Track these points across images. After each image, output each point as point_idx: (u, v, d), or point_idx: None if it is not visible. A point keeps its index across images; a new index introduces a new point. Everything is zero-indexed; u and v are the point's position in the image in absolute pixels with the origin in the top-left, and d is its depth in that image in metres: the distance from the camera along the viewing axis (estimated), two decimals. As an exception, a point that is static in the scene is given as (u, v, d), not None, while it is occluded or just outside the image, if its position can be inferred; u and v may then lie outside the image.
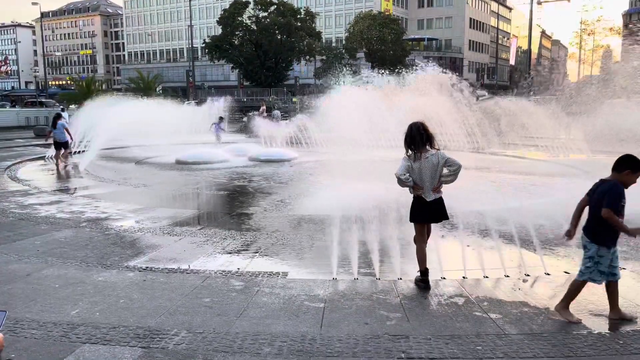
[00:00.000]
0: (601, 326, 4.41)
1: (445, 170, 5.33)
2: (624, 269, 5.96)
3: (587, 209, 4.53)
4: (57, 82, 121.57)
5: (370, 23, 68.95)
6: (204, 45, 74.52)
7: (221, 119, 21.58)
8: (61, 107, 37.47)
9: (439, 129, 18.16)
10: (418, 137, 5.26)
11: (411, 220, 5.48)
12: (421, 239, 5.48)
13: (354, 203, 7.94)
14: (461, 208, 7.71)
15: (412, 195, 5.44)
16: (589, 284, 4.56)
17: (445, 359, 3.86)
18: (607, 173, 4.46)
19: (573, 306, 4.82)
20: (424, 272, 5.41)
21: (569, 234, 4.59)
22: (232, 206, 10.67)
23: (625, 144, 15.83)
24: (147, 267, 6.13)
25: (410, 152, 5.30)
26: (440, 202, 5.37)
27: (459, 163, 5.28)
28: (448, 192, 5.56)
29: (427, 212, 5.36)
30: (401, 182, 5.27)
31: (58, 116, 16.76)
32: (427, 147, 5.27)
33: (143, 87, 52.50)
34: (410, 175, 5.23)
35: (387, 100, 16.15)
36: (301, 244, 7.21)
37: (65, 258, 6.51)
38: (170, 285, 5.50)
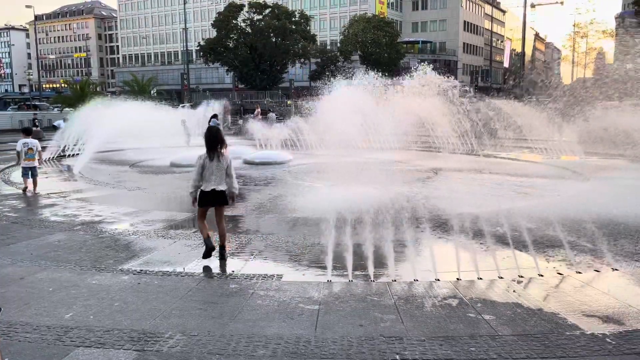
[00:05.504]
0: (594, 327, 4.43)
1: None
2: (616, 270, 6.02)
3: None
4: (51, 85, 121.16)
5: (364, 26, 69.22)
6: (198, 48, 74.56)
7: (215, 116, 21.51)
8: (55, 108, 37.33)
9: (432, 132, 18.30)
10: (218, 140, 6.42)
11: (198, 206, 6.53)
12: (203, 219, 6.54)
13: (348, 205, 7.94)
14: (455, 210, 7.75)
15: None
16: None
17: (439, 360, 3.88)
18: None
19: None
20: (209, 243, 6.38)
21: None
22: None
23: (618, 146, 15.98)
24: (141, 270, 6.12)
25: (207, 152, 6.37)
26: (221, 193, 6.41)
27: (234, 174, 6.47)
28: (443, 194, 5.58)
29: (210, 198, 6.42)
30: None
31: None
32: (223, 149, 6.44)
33: (137, 90, 52.38)
34: (204, 172, 6.33)
35: (382, 103, 16.20)
36: (296, 246, 7.22)
37: (59, 261, 6.49)
38: (164, 288, 5.50)
